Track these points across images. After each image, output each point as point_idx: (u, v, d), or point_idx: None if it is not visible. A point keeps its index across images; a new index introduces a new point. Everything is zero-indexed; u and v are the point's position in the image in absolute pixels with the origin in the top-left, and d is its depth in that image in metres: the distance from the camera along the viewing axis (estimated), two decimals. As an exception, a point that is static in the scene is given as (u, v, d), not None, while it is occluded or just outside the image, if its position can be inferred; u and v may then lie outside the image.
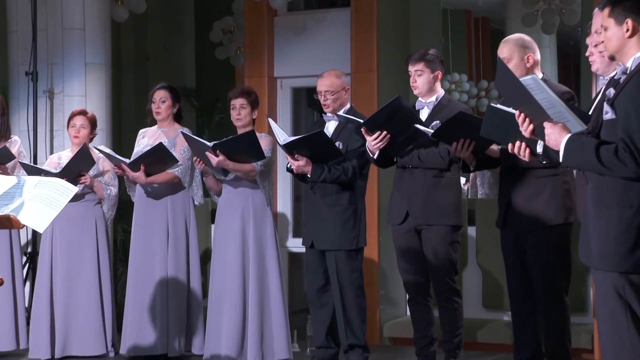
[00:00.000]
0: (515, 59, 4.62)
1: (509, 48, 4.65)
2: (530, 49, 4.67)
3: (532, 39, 4.77)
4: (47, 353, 5.96)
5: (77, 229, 6.06)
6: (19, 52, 7.16)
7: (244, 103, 5.71)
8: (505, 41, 4.71)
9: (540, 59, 4.74)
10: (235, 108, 5.73)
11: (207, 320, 5.72)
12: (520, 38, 4.72)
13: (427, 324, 5.24)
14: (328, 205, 5.44)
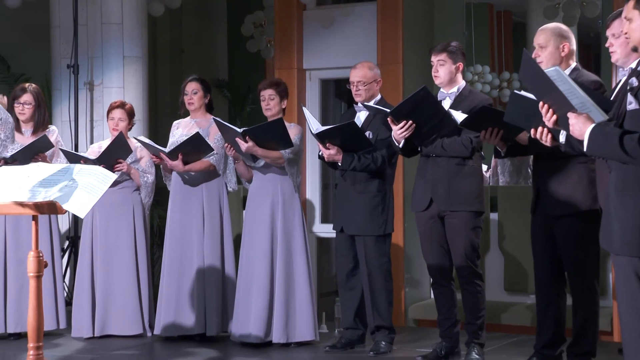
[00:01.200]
0: (551, 47, 4.56)
1: (545, 36, 4.58)
2: (566, 38, 4.60)
3: (569, 29, 4.69)
4: (89, 332, 6.02)
5: (116, 215, 6.10)
6: (61, 46, 7.21)
7: (273, 94, 5.71)
8: (542, 29, 4.65)
9: (575, 48, 4.65)
10: (265, 99, 5.73)
11: (236, 302, 5.73)
12: (557, 27, 4.65)
13: (451, 307, 5.22)
14: (357, 192, 5.44)
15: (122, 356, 5.57)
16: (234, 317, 5.74)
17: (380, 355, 5.39)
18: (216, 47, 9.96)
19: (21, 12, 8.03)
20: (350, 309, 5.58)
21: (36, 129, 6.03)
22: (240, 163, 5.80)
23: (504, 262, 6.60)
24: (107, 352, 5.66)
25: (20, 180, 4.07)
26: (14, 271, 5.93)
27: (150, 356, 5.67)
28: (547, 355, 4.78)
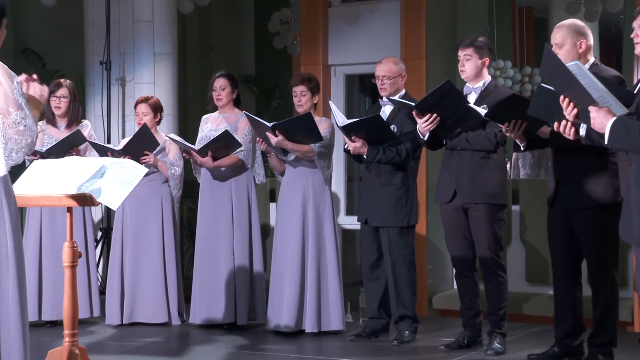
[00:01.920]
0: (568, 45, 4.49)
1: (562, 34, 4.52)
2: (583, 34, 4.52)
3: (586, 24, 4.64)
4: (117, 319, 6.08)
5: (145, 207, 6.13)
6: (94, 43, 7.25)
7: (304, 90, 5.71)
8: (559, 26, 4.58)
9: (592, 43, 4.59)
10: (297, 95, 5.72)
11: (270, 293, 5.75)
12: (573, 24, 4.58)
13: (473, 297, 5.20)
14: (382, 184, 5.43)
15: (153, 343, 5.61)
16: (268, 306, 5.76)
17: (404, 344, 5.39)
18: (244, 44, 9.99)
19: (56, 11, 8.09)
20: (375, 299, 5.58)
21: (70, 123, 6.08)
22: (272, 156, 5.81)
23: (526, 254, 6.57)
24: (138, 339, 5.70)
25: (56, 173, 4.10)
26: (49, 261, 5.98)
27: (183, 343, 5.69)
28: (568, 345, 4.75)
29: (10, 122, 3.21)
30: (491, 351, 5.05)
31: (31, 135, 3.25)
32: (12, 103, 3.21)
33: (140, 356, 5.24)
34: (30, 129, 3.25)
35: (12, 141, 3.22)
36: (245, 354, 5.22)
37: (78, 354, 4.06)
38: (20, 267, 3.33)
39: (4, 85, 3.21)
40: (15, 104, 3.22)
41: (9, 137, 3.22)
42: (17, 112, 3.22)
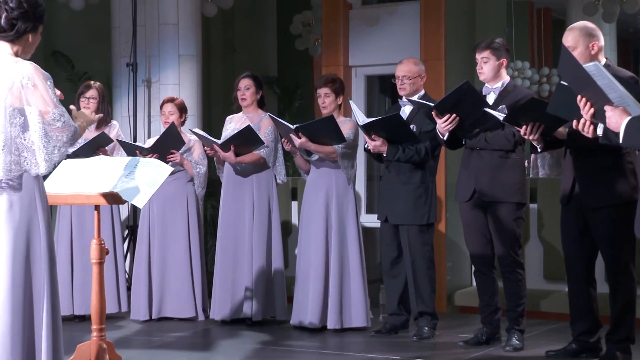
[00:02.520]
0: (581, 47, 4.46)
1: (574, 36, 4.49)
2: (595, 36, 4.50)
3: (596, 26, 4.61)
4: (145, 315, 6.11)
5: (171, 205, 6.16)
6: (121, 45, 7.29)
7: (328, 92, 5.71)
8: (570, 29, 4.55)
9: (604, 44, 4.57)
10: (320, 96, 5.73)
11: (295, 290, 5.76)
12: (585, 26, 4.55)
13: (492, 294, 5.18)
14: (402, 183, 5.42)
15: (179, 338, 5.64)
16: (294, 303, 5.77)
17: (424, 340, 5.38)
18: (266, 46, 10.00)
19: (84, 15, 8.14)
20: (395, 295, 5.58)
21: (99, 125, 6.12)
22: (298, 156, 5.83)
23: (544, 252, 6.53)
24: (164, 334, 5.73)
25: (84, 173, 4.13)
26: (79, 258, 6.03)
27: (208, 338, 5.72)
28: (585, 342, 4.73)
29: (49, 120, 3.26)
30: (510, 347, 5.03)
31: (70, 131, 3.30)
32: (49, 102, 3.26)
33: (166, 350, 5.27)
34: (69, 125, 3.30)
35: (53, 139, 3.27)
36: (269, 349, 5.23)
37: (105, 349, 4.08)
38: (52, 263, 3.37)
39: (40, 86, 3.26)
40: (52, 102, 3.27)
41: (50, 135, 3.26)
42: (55, 110, 3.27)
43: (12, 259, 3.26)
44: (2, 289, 3.26)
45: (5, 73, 3.28)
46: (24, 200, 3.30)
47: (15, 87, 3.25)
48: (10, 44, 3.34)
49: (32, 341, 3.33)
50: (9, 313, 3.25)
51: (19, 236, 3.28)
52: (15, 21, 3.29)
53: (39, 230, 3.31)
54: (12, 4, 3.27)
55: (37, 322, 3.33)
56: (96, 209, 4.15)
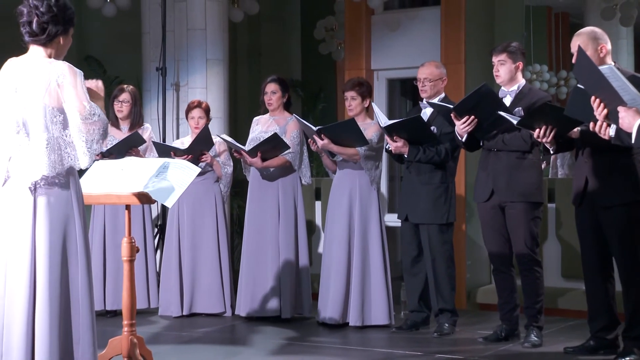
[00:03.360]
0: (590, 50, 4.46)
1: (582, 40, 4.49)
2: (603, 40, 4.51)
3: (603, 31, 4.61)
4: (177, 311, 6.13)
5: (199, 204, 6.19)
6: (150, 50, 7.33)
7: (355, 95, 5.71)
8: (578, 34, 4.55)
9: (610, 48, 4.57)
10: (347, 99, 5.73)
11: (320, 287, 5.77)
12: (592, 31, 4.57)
13: (510, 292, 5.16)
14: (422, 183, 5.41)
15: (207, 333, 5.66)
16: (318, 300, 5.77)
17: (444, 337, 5.37)
18: (291, 50, 10.01)
19: (116, 21, 8.19)
20: (415, 293, 5.57)
21: (132, 126, 6.18)
22: (324, 156, 5.84)
23: (561, 250, 6.50)
24: (192, 329, 5.76)
25: (115, 173, 4.16)
26: (112, 255, 6.08)
27: (235, 334, 5.74)
28: (603, 339, 4.70)
29: (85, 115, 3.31)
30: (528, 344, 5.00)
31: (103, 124, 3.38)
32: (83, 98, 3.33)
33: (195, 345, 5.29)
34: (102, 119, 3.37)
35: (90, 133, 3.33)
36: (295, 345, 5.24)
37: (136, 343, 4.11)
38: (87, 259, 3.41)
39: (73, 83, 3.32)
40: (85, 98, 3.34)
41: (86, 129, 3.32)
42: (88, 105, 3.33)
43: (50, 254, 3.31)
44: (40, 283, 3.31)
45: (41, 74, 3.34)
46: (62, 197, 3.35)
47: (52, 86, 3.32)
48: (43, 48, 3.40)
49: (70, 335, 3.37)
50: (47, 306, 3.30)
51: (57, 232, 3.33)
52: (46, 25, 3.34)
53: (74, 226, 3.37)
54: (43, 9, 3.33)
55: (74, 317, 3.37)
56: (127, 208, 4.18)
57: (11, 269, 3.32)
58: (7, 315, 3.31)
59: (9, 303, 3.32)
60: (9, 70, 3.41)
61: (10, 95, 3.37)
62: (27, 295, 3.30)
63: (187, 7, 7.20)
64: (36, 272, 3.31)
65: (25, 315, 3.29)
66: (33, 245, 3.31)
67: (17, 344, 3.28)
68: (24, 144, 3.34)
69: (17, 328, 3.29)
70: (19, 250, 3.32)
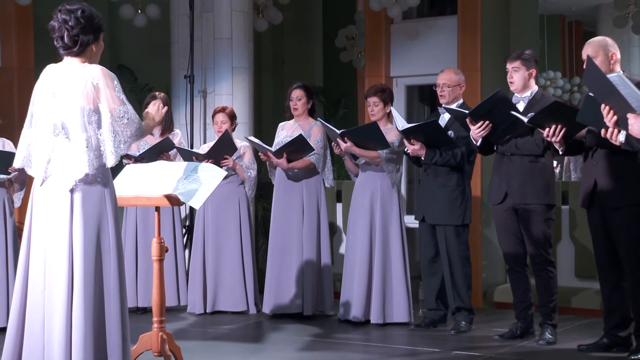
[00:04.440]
0: (601, 56, 4.47)
1: (593, 47, 4.51)
2: (613, 47, 4.53)
3: (614, 39, 4.62)
4: (201, 308, 6.16)
5: (224, 206, 6.21)
6: (179, 59, 7.36)
7: (377, 101, 5.71)
8: (588, 43, 4.57)
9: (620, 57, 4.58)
10: (370, 105, 5.74)
11: (342, 286, 5.77)
12: (603, 39, 4.58)
13: (525, 291, 5.14)
14: (439, 185, 5.40)
15: (232, 330, 5.68)
16: (340, 298, 5.77)
17: (461, 334, 5.35)
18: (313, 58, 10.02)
19: (146, 31, 8.24)
20: (433, 292, 5.55)
21: (164, 131, 6.22)
22: (347, 159, 5.84)
23: (575, 251, 6.45)
24: (218, 326, 5.78)
25: (146, 177, 4.19)
26: (143, 254, 6.12)
27: (259, 331, 5.74)
28: (616, 337, 4.67)
29: (116, 116, 3.38)
30: (543, 341, 4.97)
31: (134, 126, 3.41)
32: (116, 100, 3.38)
33: (220, 342, 5.31)
34: (133, 121, 3.41)
35: (119, 134, 3.38)
36: (317, 341, 5.25)
37: (165, 339, 4.13)
38: (120, 255, 3.45)
39: (107, 85, 3.39)
40: (118, 100, 3.39)
41: (116, 130, 3.38)
42: (120, 107, 3.39)
43: (84, 249, 3.35)
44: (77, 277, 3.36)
45: (77, 77, 3.40)
46: (96, 195, 3.40)
47: (87, 88, 3.38)
48: (77, 58, 3.45)
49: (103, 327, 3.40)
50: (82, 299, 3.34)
51: (91, 228, 3.38)
52: (77, 37, 3.41)
53: (108, 223, 3.41)
54: (71, 22, 3.39)
55: (107, 310, 3.40)
56: (157, 210, 4.20)
57: (50, 264, 3.37)
58: (47, 308, 3.36)
59: (49, 297, 3.37)
60: (47, 76, 3.48)
61: (48, 100, 3.44)
62: (65, 289, 3.34)
63: (214, 18, 7.23)
64: (73, 267, 3.36)
65: (64, 308, 3.33)
66: (70, 241, 3.36)
67: (58, 337, 3.33)
68: (64, 145, 3.40)
69: (57, 320, 3.34)
70: (58, 246, 3.37)
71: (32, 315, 3.38)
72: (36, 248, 3.40)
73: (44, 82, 3.46)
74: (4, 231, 5.57)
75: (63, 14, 3.40)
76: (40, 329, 3.37)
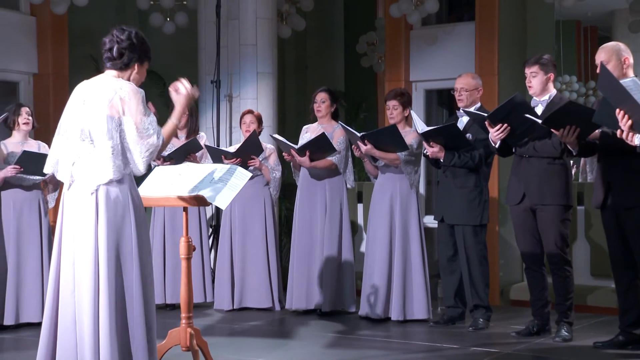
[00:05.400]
0: (614, 61, 4.44)
1: (606, 52, 4.49)
2: (626, 52, 4.50)
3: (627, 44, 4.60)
4: (229, 305, 6.17)
5: (250, 206, 6.21)
6: (206, 64, 7.39)
7: (396, 104, 5.70)
8: (602, 47, 4.55)
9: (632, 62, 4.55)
10: (389, 108, 5.72)
11: (363, 284, 5.75)
12: (616, 44, 4.57)
13: (542, 289, 5.09)
14: (457, 186, 5.37)
15: (257, 326, 5.68)
16: (361, 295, 5.76)
17: (479, 331, 5.32)
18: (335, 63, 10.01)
19: (175, 38, 8.29)
20: (451, 290, 5.53)
21: (189, 134, 6.24)
22: (367, 162, 5.83)
23: (590, 250, 6.39)
24: (244, 322, 5.78)
25: (174, 178, 4.20)
26: (170, 253, 6.14)
27: (283, 327, 5.74)
28: (632, 334, 4.62)
29: (141, 128, 3.44)
30: (559, 338, 4.93)
31: (157, 135, 3.47)
32: (141, 113, 3.45)
33: (246, 337, 5.31)
34: (157, 131, 3.48)
35: (145, 143, 3.44)
36: (339, 337, 5.24)
37: (193, 334, 4.13)
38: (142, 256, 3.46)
39: (134, 99, 3.45)
40: (143, 113, 3.46)
41: (142, 140, 3.44)
42: (145, 119, 3.45)
43: (107, 251, 3.39)
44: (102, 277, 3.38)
45: (107, 88, 3.47)
46: (120, 198, 3.44)
47: (115, 99, 3.44)
48: (118, 71, 3.54)
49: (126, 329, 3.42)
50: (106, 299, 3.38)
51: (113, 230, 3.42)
52: (124, 51, 3.50)
53: (130, 225, 3.44)
54: (123, 37, 3.51)
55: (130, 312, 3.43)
56: (185, 210, 4.21)
57: (78, 266, 3.40)
58: (77, 308, 3.40)
59: (79, 296, 3.40)
60: (80, 88, 3.57)
61: (78, 107, 3.51)
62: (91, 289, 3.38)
63: (240, 25, 7.25)
64: (99, 269, 3.39)
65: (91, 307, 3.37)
66: (95, 242, 3.40)
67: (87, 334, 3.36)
68: (89, 150, 3.45)
69: (86, 319, 3.38)
70: (84, 247, 3.41)
71: (64, 312, 3.43)
72: (66, 249, 3.45)
73: (77, 93, 3.56)
74: (39, 230, 5.62)
75: (117, 30, 3.53)
76: (71, 325, 3.41)
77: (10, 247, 5.50)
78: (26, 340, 5.16)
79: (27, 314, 5.50)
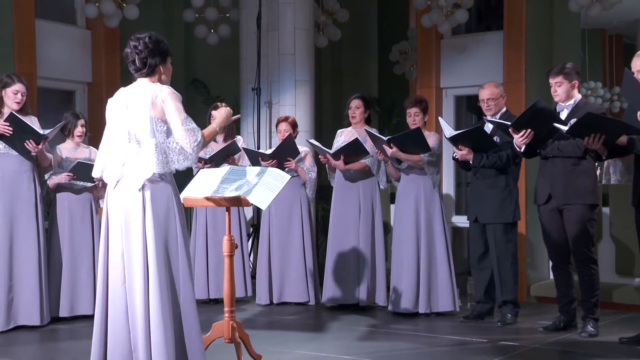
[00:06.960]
0: None
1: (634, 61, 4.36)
2: None
3: None
4: (267, 300, 6.18)
5: (287, 206, 6.22)
6: (247, 73, 7.43)
7: (417, 111, 5.68)
8: (638, 55, 4.41)
9: None
10: (411, 115, 5.70)
11: (391, 280, 5.73)
12: None
13: (568, 286, 5.01)
14: (488, 187, 5.32)
15: (294, 320, 5.68)
16: (390, 291, 5.74)
17: (507, 326, 5.25)
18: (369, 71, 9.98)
19: (218, 48, 8.34)
20: (481, 286, 5.47)
21: (226, 138, 6.26)
22: (389, 165, 5.80)
23: (615, 249, 6.28)
24: (282, 316, 5.79)
25: (217, 180, 4.22)
26: (213, 250, 6.17)
27: (319, 320, 5.74)
28: (656, 331, 4.50)
29: (183, 128, 3.48)
30: (585, 334, 4.84)
31: (197, 134, 3.51)
32: (181, 113, 3.50)
33: (285, 331, 5.31)
34: (194, 130, 3.51)
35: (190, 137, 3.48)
36: (372, 331, 5.21)
37: (235, 327, 4.15)
38: (186, 247, 3.53)
39: (175, 101, 3.51)
40: (183, 113, 3.50)
41: (185, 138, 3.47)
42: (186, 117, 3.50)
43: (156, 242, 3.43)
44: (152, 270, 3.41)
45: (148, 92, 3.52)
46: (164, 193, 3.49)
47: (157, 102, 3.49)
48: (147, 78, 3.57)
49: (179, 317, 3.47)
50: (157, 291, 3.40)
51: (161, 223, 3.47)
52: (146, 59, 3.54)
53: (175, 218, 3.49)
54: (140, 47, 3.53)
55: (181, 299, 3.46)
56: (227, 210, 4.23)
57: (128, 258, 3.44)
58: (129, 298, 3.45)
59: (130, 288, 3.44)
60: (119, 95, 3.62)
61: (122, 111, 3.56)
62: (142, 279, 3.41)
63: (279, 35, 7.28)
64: (148, 259, 3.43)
65: (142, 296, 3.40)
66: (144, 235, 3.44)
67: (140, 321, 3.40)
68: (136, 150, 3.50)
69: (138, 306, 3.42)
70: (134, 240, 3.44)
71: (113, 304, 3.47)
72: (114, 244, 3.49)
73: (117, 99, 3.60)
74: (90, 228, 5.71)
75: (133, 41, 3.55)
76: (122, 315, 3.44)
77: (65, 244, 5.60)
78: (80, 330, 5.23)
79: (81, 306, 5.59)
